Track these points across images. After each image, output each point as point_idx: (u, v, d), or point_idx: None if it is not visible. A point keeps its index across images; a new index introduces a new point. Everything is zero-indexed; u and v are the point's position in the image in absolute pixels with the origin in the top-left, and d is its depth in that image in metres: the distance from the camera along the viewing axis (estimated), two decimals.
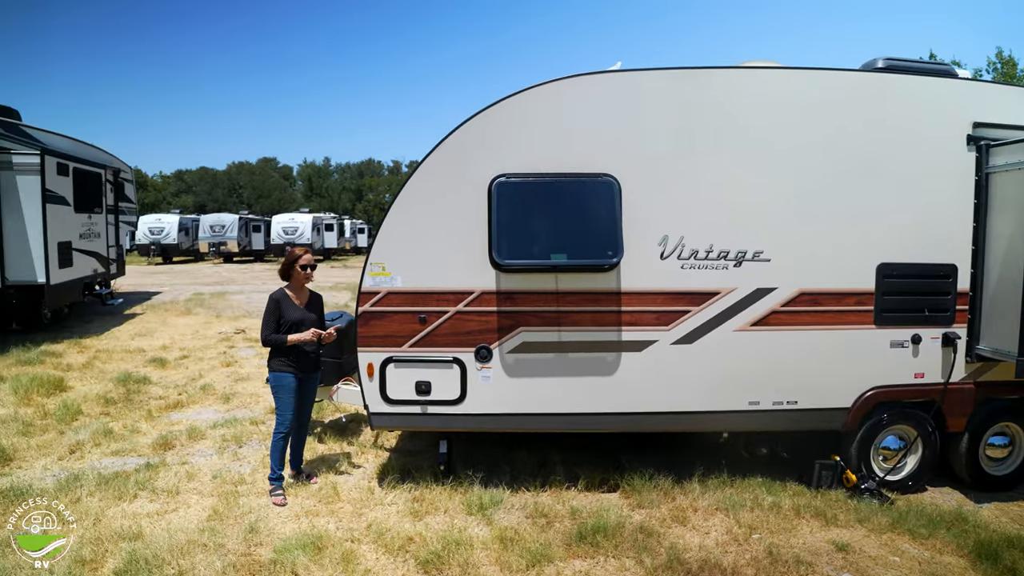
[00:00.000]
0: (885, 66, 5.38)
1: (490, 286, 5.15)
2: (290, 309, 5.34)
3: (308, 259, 5.46)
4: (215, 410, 7.68)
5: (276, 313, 5.30)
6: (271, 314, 5.30)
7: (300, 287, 5.46)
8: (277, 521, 4.93)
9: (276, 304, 5.32)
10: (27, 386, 8.06)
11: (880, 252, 5.30)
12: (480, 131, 5.13)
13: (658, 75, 5.21)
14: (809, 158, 5.23)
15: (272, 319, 5.29)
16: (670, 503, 5.23)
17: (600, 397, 5.28)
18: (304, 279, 5.44)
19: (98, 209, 13.86)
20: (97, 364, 9.80)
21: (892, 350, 5.37)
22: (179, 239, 35.20)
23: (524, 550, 4.50)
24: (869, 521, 4.98)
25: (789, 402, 5.35)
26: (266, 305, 5.38)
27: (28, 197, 10.90)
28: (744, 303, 5.25)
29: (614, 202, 5.06)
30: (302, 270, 5.40)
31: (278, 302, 5.33)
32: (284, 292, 5.40)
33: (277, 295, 5.38)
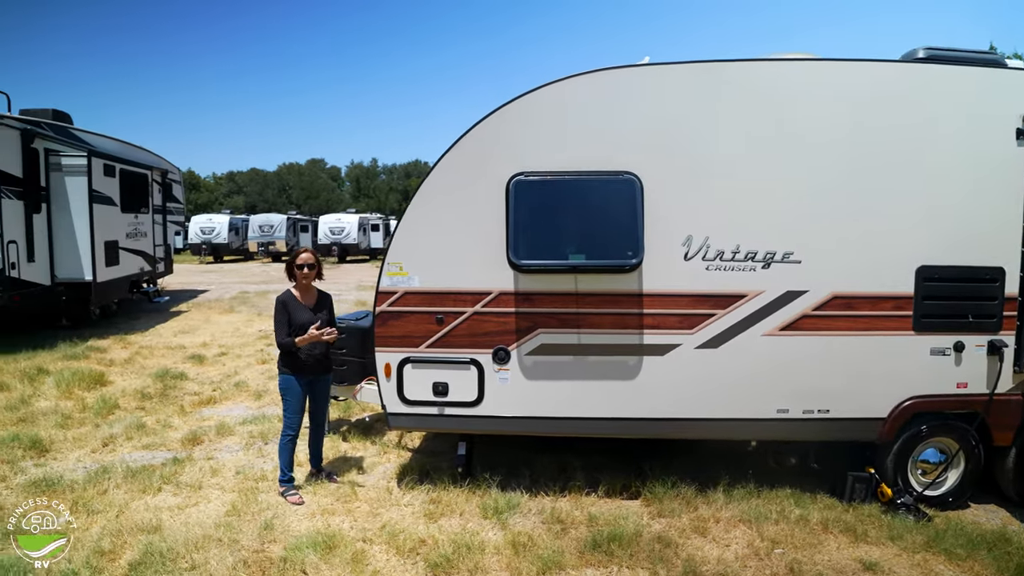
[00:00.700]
0: (926, 56, 5.10)
1: (508, 287, 5.07)
2: (297, 311, 5.27)
3: (305, 259, 5.35)
4: (246, 407, 7.80)
5: (285, 315, 5.24)
6: (280, 315, 5.24)
7: (306, 288, 5.39)
8: (293, 519, 4.95)
9: (283, 306, 5.26)
10: (69, 380, 8.34)
11: (920, 254, 5.01)
12: (497, 129, 5.05)
13: (683, 69, 5.05)
14: (844, 154, 4.98)
15: (283, 321, 5.24)
16: (692, 513, 5.06)
17: (620, 401, 5.15)
18: (304, 279, 5.33)
19: (144, 209, 14.33)
20: (138, 360, 10.09)
21: (932, 358, 5.09)
22: (229, 238, 36.08)
23: (536, 556, 4.41)
24: (902, 539, 4.71)
25: (820, 411, 5.12)
26: (274, 308, 5.32)
27: (76, 197, 11.35)
28: (773, 306, 5.05)
29: (636, 201, 4.92)
30: (299, 270, 5.31)
31: (285, 304, 5.27)
32: (290, 293, 5.35)
33: (283, 297, 5.32)
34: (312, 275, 5.37)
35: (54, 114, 12.33)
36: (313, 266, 5.37)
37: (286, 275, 5.48)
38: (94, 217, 11.52)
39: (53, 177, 11.23)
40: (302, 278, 5.33)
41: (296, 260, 5.34)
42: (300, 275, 5.32)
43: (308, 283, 5.39)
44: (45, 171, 11.14)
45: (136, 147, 15.31)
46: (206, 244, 35.51)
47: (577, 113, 5.04)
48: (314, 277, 5.40)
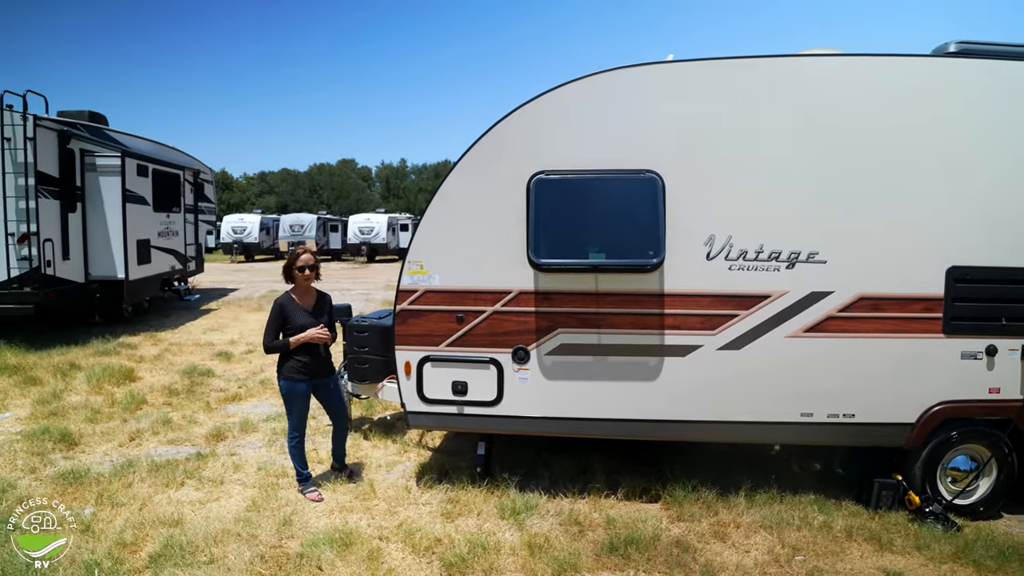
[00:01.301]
0: (958, 50, 4.94)
1: (528, 286, 5.03)
2: (296, 314, 5.14)
3: (306, 260, 5.17)
4: (271, 404, 7.86)
5: (279, 320, 5.11)
6: (273, 321, 5.10)
7: (305, 290, 5.24)
8: (312, 515, 4.96)
9: (280, 310, 5.12)
10: (100, 376, 8.50)
11: (951, 254, 4.85)
12: (518, 127, 5.01)
13: (707, 65, 4.96)
14: (872, 152, 4.84)
15: (274, 326, 5.11)
16: (712, 517, 4.96)
17: (641, 403, 5.07)
18: (305, 281, 5.18)
19: (176, 209, 14.57)
20: (168, 356, 10.25)
21: (963, 362, 4.92)
22: (260, 238, 36.55)
23: (551, 558, 4.36)
24: (929, 548, 4.56)
25: (846, 415, 4.98)
26: (270, 311, 5.20)
27: (109, 197, 11.58)
28: (797, 307, 4.93)
29: (657, 200, 4.84)
30: (300, 272, 5.14)
31: (282, 308, 5.13)
32: (289, 296, 5.20)
33: (282, 300, 5.18)
34: (312, 276, 5.22)
35: (90, 115, 12.60)
36: (314, 267, 5.22)
37: (284, 279, 5.31)
38: (127, 216, 11.75)
39: (88, 177, 11.47)
40: (303, 280, 5.18)
41: (296, 262, 5.16)
42: (301, 277, 5.16)
43: (309, 285, 5.25)
44: (80, 171, 11.38)
45: (169, 147, 15.58)
46: (237, 243, 35.98)
47: (599, 111, 4.98)
48: (314, 278, 5.26)
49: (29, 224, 10.12)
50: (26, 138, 9.99)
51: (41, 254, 10.22)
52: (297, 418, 5.28)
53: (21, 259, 10.15)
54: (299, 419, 5.30)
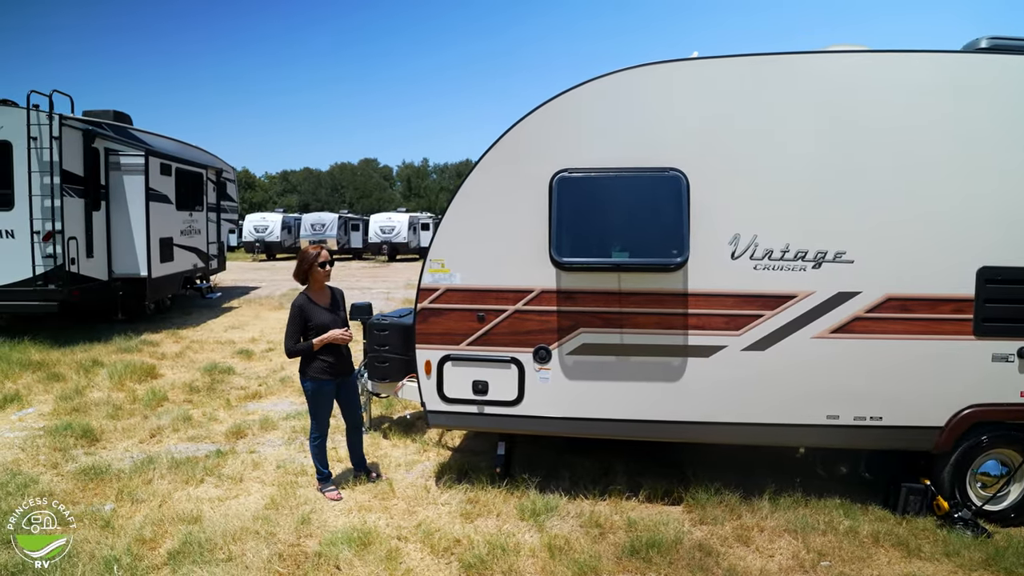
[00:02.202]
0: (989, 46, 4.77)
1: (550, 285, 4.92)
2: (316, 313, 5.03)
3: (327, 256, 5.11)
4: (291, 402, 7.81)
5: (300, 321, 5.00)
6: (294, 323, 5.00)
7: (321, 288, 5.14)
8: (331, 514, 4.89)
9: (300, 312, 4.99)
10: (122, 372, 8.49)
11: (982, 254, 4.67)
12: (541, 125, 4.91)
13: (733, 62, 4.82)
14: (901, 149, 4.68)
15: (295, 329, 5.00)
16: (735, 521, 4.82)
17: (663, 404, 4.94)
18: (325, 277, 5.11)
19: (199, 207, 14.60)
20: (189, 354, 10.25)
21: (994, 364, 4.74)
22: (282, 237, 36.47)
23: (572, 561, 4.25)
24: (959, 555, 4.39)
25: (873, 417, 4.83)
26: (289, 314, 5.08)
27: (133, 195, 11.60)
28: (823, 308, 4.78)
29: (681, 198, 4.72)
30: (322, 268, 5.05)
31: (301, 309, 4.99)
32: (306, 297, 5.07)
33: (300, 302, 5.03)
34: (330, 272, 5.16)
35: (115, 115, 12.65)
36: (332, 262, 5.16)
37: (297, 279, 5.19)
38: (150, 214, 11.77)
39: (112, 176, 11.50)
40: (324, 276, 5.10)
41: (319, 260, 5.05)
42: (323, 274, 5.07)
43: (326, 282, 5.17)
44: (105, 170, 11.42)
45: (192, 147, 15.62)
46: (259, 242, 35.95)
47: (622, 108, 4.86)
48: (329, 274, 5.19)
49: (54, 222, 10.15)
50: (52, 137, 10.03)
51: (66, 252, 10.26)
52: (322, 418, 5.22)
53: (46, 257, 10.19)
54: (324, 419, 5.23)
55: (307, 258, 5.10)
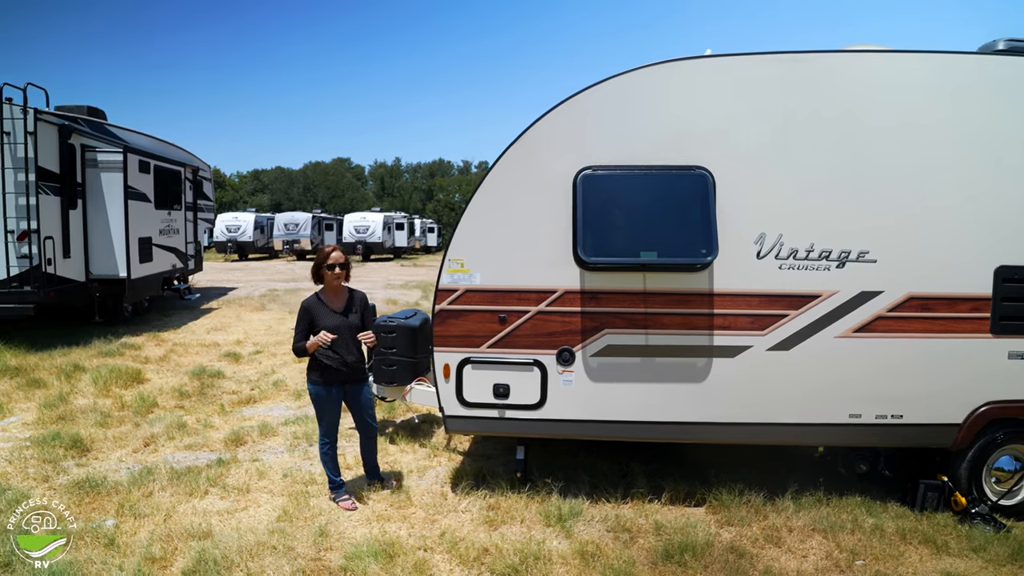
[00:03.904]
0: (1007, 48, 4.70)
1: (574, 285, 4.69)
2: (324, 316, 4.76)
3: (336, 258, 4.80)
4: (286, 406, 7.43)
5: (305, 322, 4.76)
6: (299, 323, 4.77)
7: (335, 290, 4.86)
8: (348, 525, 4.58)
9: (306, 312, 4.77)
10: (107, 377, 7.98)
11: (999, 254, 4.62)
12: (564, 122, 4.68)
13: (759, 60, 4.66)
14: (925, 150, 4.59)
15: (301, 329, 4.77)
16: (762, 521, 4.67)
17: (688, 405, 4.76)
18: (335, 279, 4.81)
19: (177, 206, 13.93)
20: (173, 357, 9.72)
21: (1011, 362, 4.69)
22: (255, 237, 35.46)
23: (606, 567, 4.04)
24: (985, 551, 4.31)
25: (894, 416, 4.72)
26: (297, 313, 4.86)
27: (111, 194, 10.94)
28: (847, 307, 4.66)
29: (708, 197, 4.54)
30: (330, 271, 4.77)
31: (308, 310, 4.77)
32: (317, 298, 4.84)
33: (308, 302, 4.81)
34: (343, 275, 4.84)
35: (89, 110, 11.93)
36: (344, 265, 4.83)
37: (312, 279, 4.91)
38: (129, 214, 11.13)
39: (89, 173, 10.84)
40: (332, 279, 4.79)
41: (327, 260, 4.77)
42: (331, 276, 4.78)
43: (339, 284, 4.87)
44: (81, 167, 10.76)
45: (169, 144, 14.84)
46: (232, 242, 34.85)
47: (648, 105, 4.67)
48: (345, 277, 4.88)
49: (29, 221, 9.53)
50: (27, 132, 9.40)
51: (42, 252, 9.64)
52: (328, 424, 4.90)
53: (21, 257, 9.56)
54: (330, 425, 4.91)
55: (319, 258, 4.84)
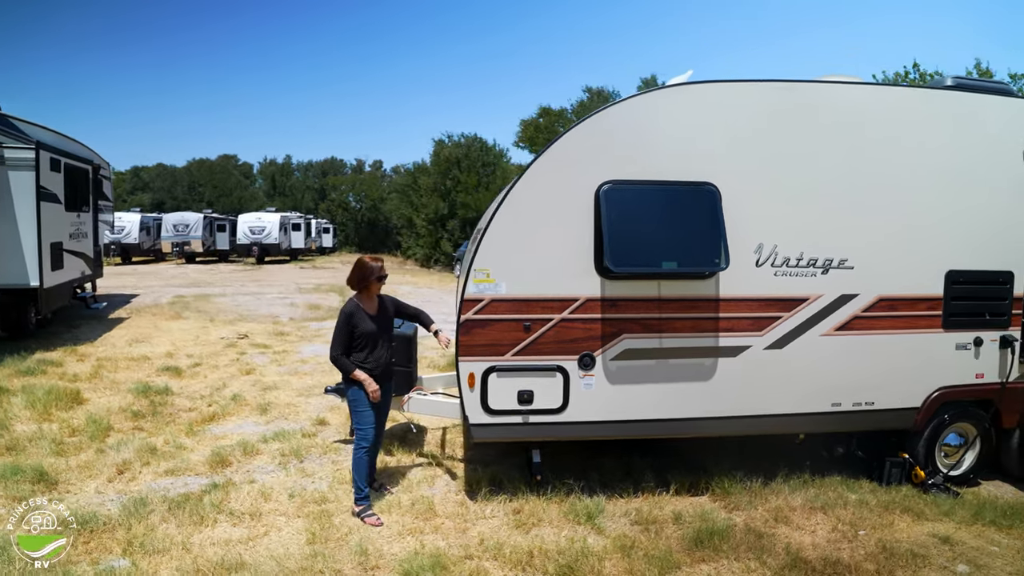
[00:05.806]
0: (954, 84, 5.32)
1: (595, 293, 4.79)
2: (363, 321, 4.75)
3: (386, 270, 4.96)
4: (254, 423, 6.96)
5: (348, 329, 4.71)
6: (341, 331, 4.72)
7: (371, 296, 4.90)
8: (382, 541, 4.42)
9: (348, 319, 4.71)
10: (44, 400, 7.09)
11: (948, 260, 5.25)
12: (588, 137, 4.78)
13: (763, 87, 5.04)
14: (892, 172, 5.15)
15: (343, 337, 4.72)
16: (764, 504, 5.00)
17: (697, 402, 5.02)
18: (379, 290, 4.93)
19: (85, 208, 12.45)
20: (104, 374, 8.76)
21: (957, 352, 5.34)
22: (140, 238, 32.17)
23: (649, 557, 4.19)
24: (954, 514, 4.90)
25: (867, 403, 5.23)
26: (337, 320, 4.78)
27: (21, 194, 9.58)
28: (830, 309, 5.10)
29: (717, 210, 4.79)
30: (379, 281, 4.85)
31: (350, 317, 4.72)
32: (356, 305, 4.79)
33: (349, 309, 4.76)
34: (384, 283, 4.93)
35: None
36: (387, 275, 4.95)
37: (353, 286, 4.89)
38: (41, 216, 9.78)
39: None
40: (378, 289, 4.87)
41: (380, 272, 4.82)
42: (379, 286, 4.86)
43: (378, 291, 4.92)
44: None
45: (72, 139, 13.07)
46: (115, 244, 31.19)
47: (664, 125, 4.88)
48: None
49: None
50: None
51: None
52: (367, 425, 4.82)
53: None
54: (369, 426, 4.84)
55: (370, 271, 4.82)
